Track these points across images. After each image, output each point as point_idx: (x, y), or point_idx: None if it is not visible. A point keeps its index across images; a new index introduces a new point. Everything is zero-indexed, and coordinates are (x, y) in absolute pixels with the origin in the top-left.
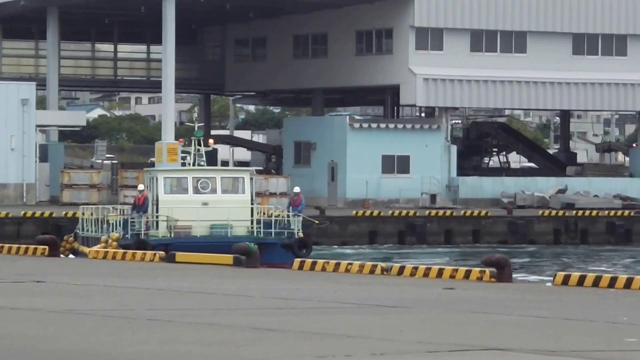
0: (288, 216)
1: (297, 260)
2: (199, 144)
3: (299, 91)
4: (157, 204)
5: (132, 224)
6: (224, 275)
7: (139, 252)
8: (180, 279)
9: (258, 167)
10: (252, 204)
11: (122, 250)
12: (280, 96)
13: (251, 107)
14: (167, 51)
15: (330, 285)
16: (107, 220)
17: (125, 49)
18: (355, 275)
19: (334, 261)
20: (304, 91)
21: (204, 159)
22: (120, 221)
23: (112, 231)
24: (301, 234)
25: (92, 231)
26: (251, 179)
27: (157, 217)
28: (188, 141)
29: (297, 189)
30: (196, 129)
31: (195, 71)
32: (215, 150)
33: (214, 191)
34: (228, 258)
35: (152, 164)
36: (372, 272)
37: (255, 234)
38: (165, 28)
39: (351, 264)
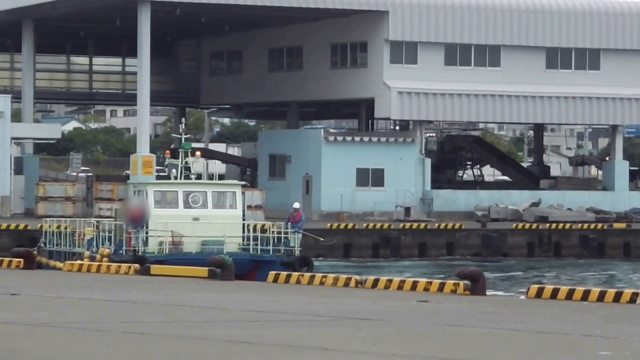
0: (287, 232)
1: (271, 273)
2: (187, 156)
3: (274, 104)
4: None
5: (127, 239)
6: (198, 288)
7: (114, 265)
8: (155, 291)
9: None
10: (243, 219)
11: (96, 263)
12: (256, 109)
13: (226, 120)
14: (142, 64)
15: (305, 298)
16: (84, 235)
17: (101, 62)
18: (329, 287)
19: (309, 274)
20: (279, 104)
21: (194, 172)
22: (109, 236)
23: (95, 246)
24: (297, 252)
25: (64, 245)
26: (243, 193)
27: (157, 232)
28: (163, 153)
29: (297, 205)
30: (183, 140)
31: (170, 84)
32: (203, 163)
33: (204, 206)
34: (203, 271)
35: (127, 177)
36: (346, 284)
37: (252, 251)
38: (140, 41)
39: (325, 276)
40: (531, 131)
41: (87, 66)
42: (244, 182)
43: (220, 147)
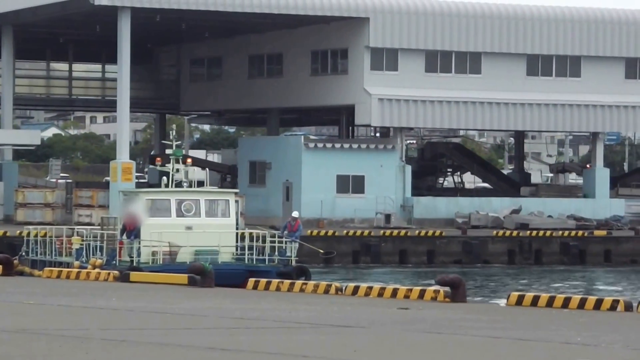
0: (284, 241)
1: (251, 280)
2: (178, 163)
3: (254, 111)
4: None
5: (121, 249)
6: (178, 295)
7: (94, 272)
8: (135, 298)
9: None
10: (237, 228)
11: (76, 270)
12: (236, 116)
13: (206, 127)
14: (122, 70)
15: (285, 305)
16: (70, 244)
17: (80, 68)
18: (309, 294)
19: (289, 281)
20: (259, 111)
21: (187, 179)
22: (102, 246)
23: (85, 255)
24: (293, 261)
25: (49, 254)
26: (236, 201)
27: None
28: (142, 160)
29: (295, 214)
30: (174, 147)
31: (150, 90)
32: (193, 170)
33: (197, 214)
34: (183, 278)
35: (107, 184)
36: (326, 291)
37: (247, 261)
38: (120, 47)
39: (306, 283)
40: (512, 138)
41: (66, 72)
42: (237, 190)
43: (200, 153)
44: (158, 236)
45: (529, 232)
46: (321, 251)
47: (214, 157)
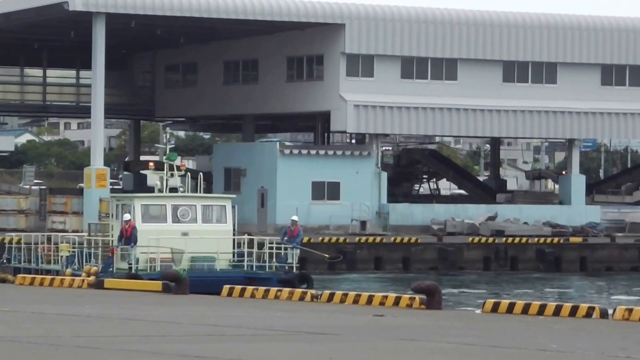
0: (284, 248)
1: (225, 287)
2: (171, 169)
3: (229, 117)
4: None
5: (121, 256)
6: (153, 302)
7: (68, 278)
8: (109, 305)
9: None
10: (234, 234)
11: (49, 277)
12: (211, 122)
13: (181, 133)
14: (96, 76)
15: (260, 312)
16: (59, 252)
17: (55, 74)
18: (284, 302)
19: (263, 287)
20: (234, 117)
21: (182, 184)
22: (92, 252)
23: (78, 263)
24: (294, 268)
25: (34, 262)
26: (233, 207)
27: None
28: (117, 166)
29: (295, 218)
30: (167, 151)
31: (125, 97)
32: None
33: (193, 220)
34: (157, 284)
35: (81, 190)
36: (301, 298)
37: (246, 268)
38: (95, 53)
39: (281, 290)
40: (488, 145)
41: (40, 78)
42: (234, 195)
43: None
44: (153, 242)
45: (504, 239)
46: (327, 256)
47: (189, 164)
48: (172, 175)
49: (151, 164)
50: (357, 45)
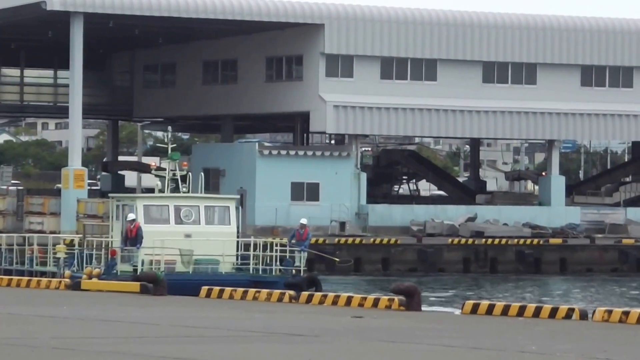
0: (291, 251)
1: (204, 288)
2: (174, 169)
3: (208, 117)
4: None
5: (126, 257)
6: (131, 303)
7: (44, 280)
8: (87, 307)
9: None
10: (238, 236)
11: (27, 278)
12: (189, 122)
13: (159, 133)
14: (74, 76)
15: (238, 314)
16: (55, 253)
17: (32, 74)
18: (263, 303)
19: (242, 289)
20: (213, 117)
21: (186, 184)
22: (91, 254)
23: (77, 265)
24: (302, 271)
25: (27, 264)
26: (237, 208)
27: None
28: (95, 167)
29: (304, 221)
30: (170, 150)
31: (103, 97)
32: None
33: (197, 221)
34: (135, 286)
35: (59, 191)
36: (280, 300)
37: (252, 271)
38: (73, 53)
39: (259, 291)
40: (467, 146)
41: (18, 78)
42: (238, 196)
43: (153, 160)
44: (156, 244)
45: (484, 240)
46: (337, 260)
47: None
48: (174, 175)
49: (153, 164)
50: (337, 46)
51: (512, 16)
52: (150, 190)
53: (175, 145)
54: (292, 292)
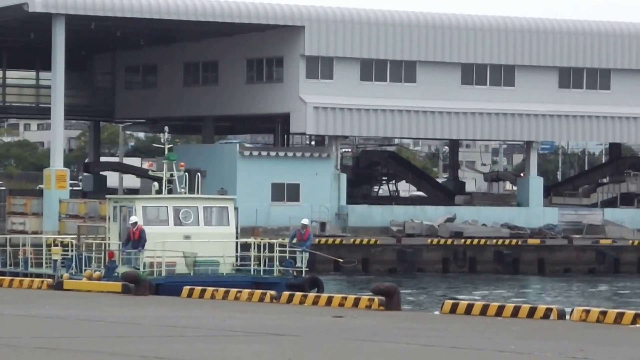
0: (292, 252)
1: (186, 288)
2: (171, 169)
3: (189, 119)
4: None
5: (127, 260)
6: (112, 303)
7: (26, 280)
8: (68, 306)
9: None
10: (237, 237)
11: (9, 278)
12: (171, 123)
13: (141, 134)
14: (56, 78)
15: (219, 313)
16: (50, 255)
17: (14, 75)
18: (244, 302)
19: (223, 289)
20: (194, 119)
21: (184, 185)
22: (96, 257)
23: (75, 267)
24: (304, 272)
25: (22, 265)
26: (235, 208)
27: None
28: (77, 167)
29: (305, 221)
30: (167, 151)
31: (85, 98)
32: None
33: (196, 222)
34: (116, 286)
35: (41, 191)
36: (261, 299)
37: (253, 272)
38: (54, 54)
39: (240, 291)
40: (446, 147)
41: (0, 79)
42: (235, 197)
43: (135, 161)
44: (154, 246)
45: (463, 240)
46: (341, 260)
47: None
48: (171, 175)
49: (150, 163)
50: (317, 48)
51: (491, 18)
52: (134, 191)
53: (172, 145)
54: (272, 292)
